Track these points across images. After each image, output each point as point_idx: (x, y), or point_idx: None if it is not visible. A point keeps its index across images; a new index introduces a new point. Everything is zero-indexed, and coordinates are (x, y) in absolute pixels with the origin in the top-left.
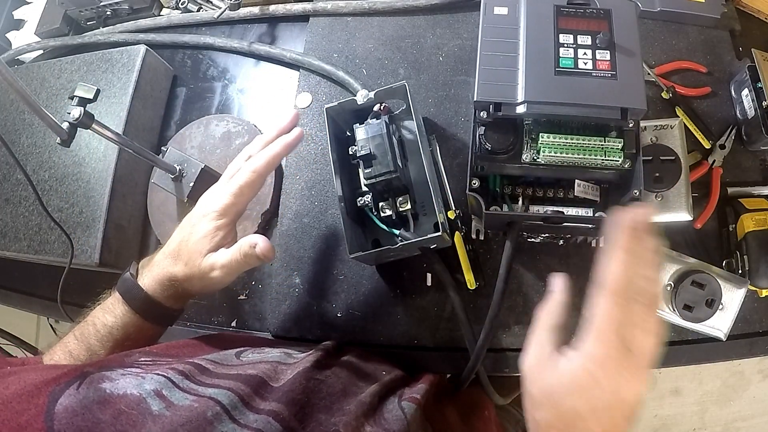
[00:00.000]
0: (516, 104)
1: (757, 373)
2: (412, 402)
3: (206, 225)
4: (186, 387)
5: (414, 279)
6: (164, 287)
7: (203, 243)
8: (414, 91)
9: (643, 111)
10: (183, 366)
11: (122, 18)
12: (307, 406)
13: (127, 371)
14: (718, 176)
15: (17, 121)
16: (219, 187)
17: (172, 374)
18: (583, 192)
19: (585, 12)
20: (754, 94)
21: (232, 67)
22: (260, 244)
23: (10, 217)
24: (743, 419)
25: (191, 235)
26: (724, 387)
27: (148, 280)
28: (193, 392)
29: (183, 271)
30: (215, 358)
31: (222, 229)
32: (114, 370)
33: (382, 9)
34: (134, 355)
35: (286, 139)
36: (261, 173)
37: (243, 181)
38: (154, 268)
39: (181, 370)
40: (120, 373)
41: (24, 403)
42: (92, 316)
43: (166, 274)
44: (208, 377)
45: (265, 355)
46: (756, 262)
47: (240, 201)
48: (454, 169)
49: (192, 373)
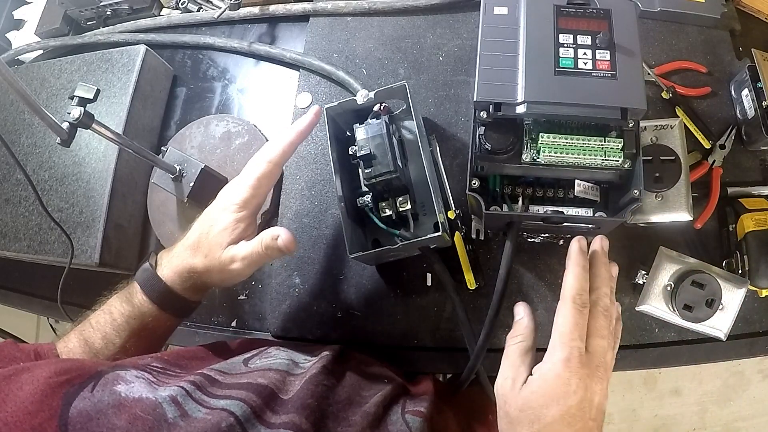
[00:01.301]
0: (516, 104)
1: (757, 373)
2: (417, 416)
3: (227, 217)
4: (199, 398)
5: (414, 279)
6: (183, 279)
7: (223, 235)
8: (414, 91)
9: (643, 111)
10: (194, 377)
11: (122, 18)
12: (318, 411)
13: (141, 374)
14: (718, 176)
15: (17, 121)
16: (238, 180)
17: (185, 384)
18: (583, 192)
19: (585, 12)
20: (754, 94)
21: (232, 67)
22: (282, 235)
23: (10, 217)
24: (743, 419)
25: (211, 228)
26: (724, 387)
27: (167, 271)
28: (205, 405)
29: (203, 263)
30: (223, 367)
31: (242, 222)
32: (128, 369)
33: (382, 9)
34: (147, 359)
35: (298, 126)
36: (277, 162)
37: (260, 172)
38: (174, 260)
39: (193, 381)
40: (134, 374)
41: (37, 404)
42: (109, 305)
43: (185, 266)
44: (219, 388)
45: (272, 361)
46: (756, 262)
47: (259, 193)
48: (454, 169)
49: (203, 385)
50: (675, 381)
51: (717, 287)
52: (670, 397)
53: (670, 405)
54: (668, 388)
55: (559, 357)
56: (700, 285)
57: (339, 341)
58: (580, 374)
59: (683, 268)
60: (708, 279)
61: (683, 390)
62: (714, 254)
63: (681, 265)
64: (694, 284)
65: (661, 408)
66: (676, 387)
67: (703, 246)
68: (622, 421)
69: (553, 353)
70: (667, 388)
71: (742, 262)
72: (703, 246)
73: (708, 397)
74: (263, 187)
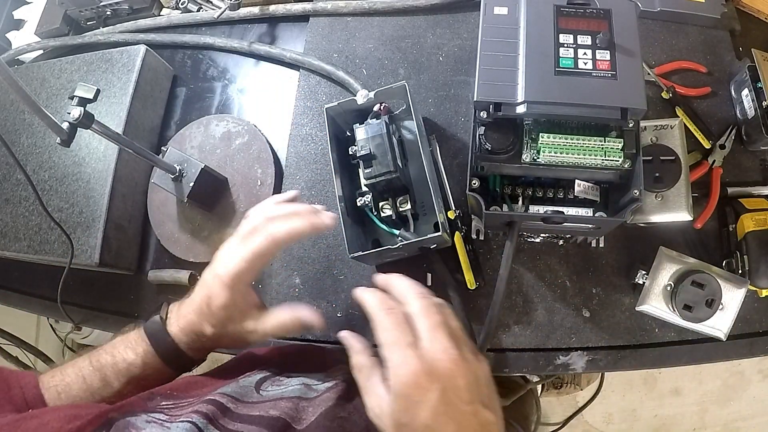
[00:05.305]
0: (516, 104)
1: (757, 373)
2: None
3: (222, 293)
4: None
5: (414, 279)
6: (191, 340)
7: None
8: (414, 91)
9: (643, 111)
10: (206, 407)
11: (122, 18)
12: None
13: (151, 417)
14: (718, 176)
15: (17, 121)
16: (233, 247)
17: (196, 419)
18: (583, 192)
19: (585, 12)
20: (754, 94)
21: (232, 67)
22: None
23: (10, 217)
24: (743, 419)
25: (210, 299)
26: (724, 387)
27: (175, 329)
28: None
29: (212, 331)
30: (235, 392)
31: (237, 294)
32: (138, 415)
33: (382, 9)
34: (156, 399)
35: (316, 220)
36: (279, 243)
37: (258, 247)
38: (181, 320)
39: (205, 413)
40: (144, 420)
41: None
42: (112, 347)
43: (193, 329)
44: (231, 420)
45: (284, 390)
46: (756, 262)
47: (253, 267)
48: (454, 169)
49: (215, 416)
50: (675, 381)
51: (717, 287)
52: (670, 397)
53: (670, 405)
54: (668, 388)
55: (397, 365)
56: (700, 285)
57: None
58: (425, 371)
59: (683, 268)
60: (708, 279)
61: (683, 390)
62: (714, 254)
63: (681, 265)
64: (694, 284)
65: (661, 408)
66: (676, 387)
67: (703, 246)
68: (622, 421)
69: (391, 365)
70: (667, 388)
71: (742, 262)
72: (703, 246)
73: (708, 397)
74: (258, 263)
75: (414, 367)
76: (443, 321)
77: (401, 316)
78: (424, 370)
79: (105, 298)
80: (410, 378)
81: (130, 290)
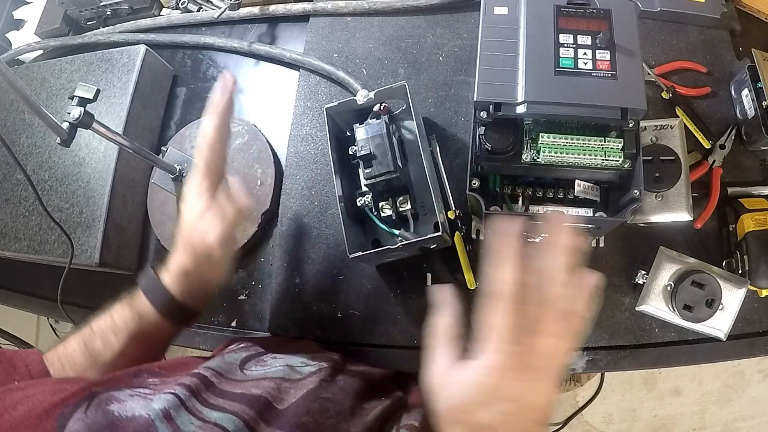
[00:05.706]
0: (516, 104)
1: (757, 373)
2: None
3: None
4: (192, 407)
5: (414, 279)
6: (181, 283)
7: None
8: (414, 91)
9: (643, 111)
10: (189, 379)
11: (122, 18)
12: (314, 428)
13: (135, 392)
14: (718, 176)
15: (17, 121)
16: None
17: (179, 390)
18: (583, 192)
19: (585, 12)
20: (754, 94)
21: (232, 67)
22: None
23: (10, 217)
24: (743, 419)
25: (184, 221)
26: (724, 387)
27: (166, 276)
28: (199, 415)
29: (190, 258)
30: (219, 367)
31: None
32: (122, 390)
33: (382, 9)
34: (143, 375)
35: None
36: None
37: (199, 148)
38: (170, 265)
39: (188, 385)
40: (128, 393)
41: (32, 427)
42: (111, 310)
43: (179, 268)
44: (213, 395)
45: (268, 370)
46: (756, 262)
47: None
48: (454, 169)
49: (198, 389)
50: (675, 381)
51: (717, 287)
52: (670, 397)
53: (670, 405)
54: (668, 388)
55: (491, 362)
56: (700, 285)
57: (339, 341)
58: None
59: (683, 268)
60: (708, 279)
61: (683, 390)
62: (714, 254)
63: (681, 265)
64: (694, 284)
65: (661, 408)
66: (676, 387)
67: (703, 246)
68: (622, 421)
69: (485, 356)
70: (667, 388)
71: (742, 262)
72: (703, 246)
73: (708, 397)
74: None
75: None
76: (572, 331)
77: (529, 309)
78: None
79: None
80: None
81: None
